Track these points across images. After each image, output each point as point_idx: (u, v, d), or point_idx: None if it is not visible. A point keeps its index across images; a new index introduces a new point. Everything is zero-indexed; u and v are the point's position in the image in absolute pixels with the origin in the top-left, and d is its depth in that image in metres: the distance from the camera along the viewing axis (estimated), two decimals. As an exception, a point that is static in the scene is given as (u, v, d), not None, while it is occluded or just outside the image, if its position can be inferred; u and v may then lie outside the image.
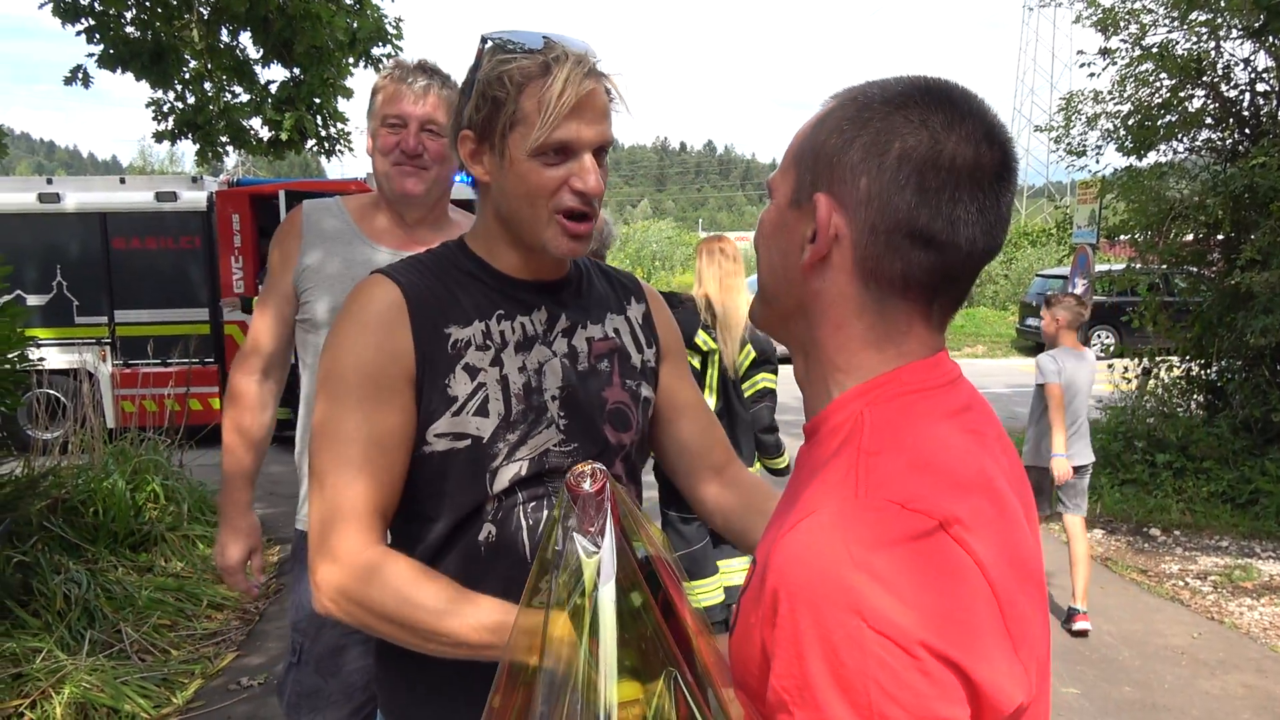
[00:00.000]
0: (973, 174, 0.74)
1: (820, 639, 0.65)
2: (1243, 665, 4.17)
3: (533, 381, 1.23)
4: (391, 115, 1.93)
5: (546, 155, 1.15)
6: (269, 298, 2.06)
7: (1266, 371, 6.70)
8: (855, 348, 0.80)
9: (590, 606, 0.77)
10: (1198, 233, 7.25)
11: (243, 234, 8.99)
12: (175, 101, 6.60)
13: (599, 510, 0.81)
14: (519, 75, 1.13)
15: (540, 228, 1.19)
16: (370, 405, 1.15)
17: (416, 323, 1.18)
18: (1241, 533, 6.08)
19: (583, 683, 0.76)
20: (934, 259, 0.76)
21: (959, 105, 0.76)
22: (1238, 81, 6.92)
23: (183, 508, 5.43)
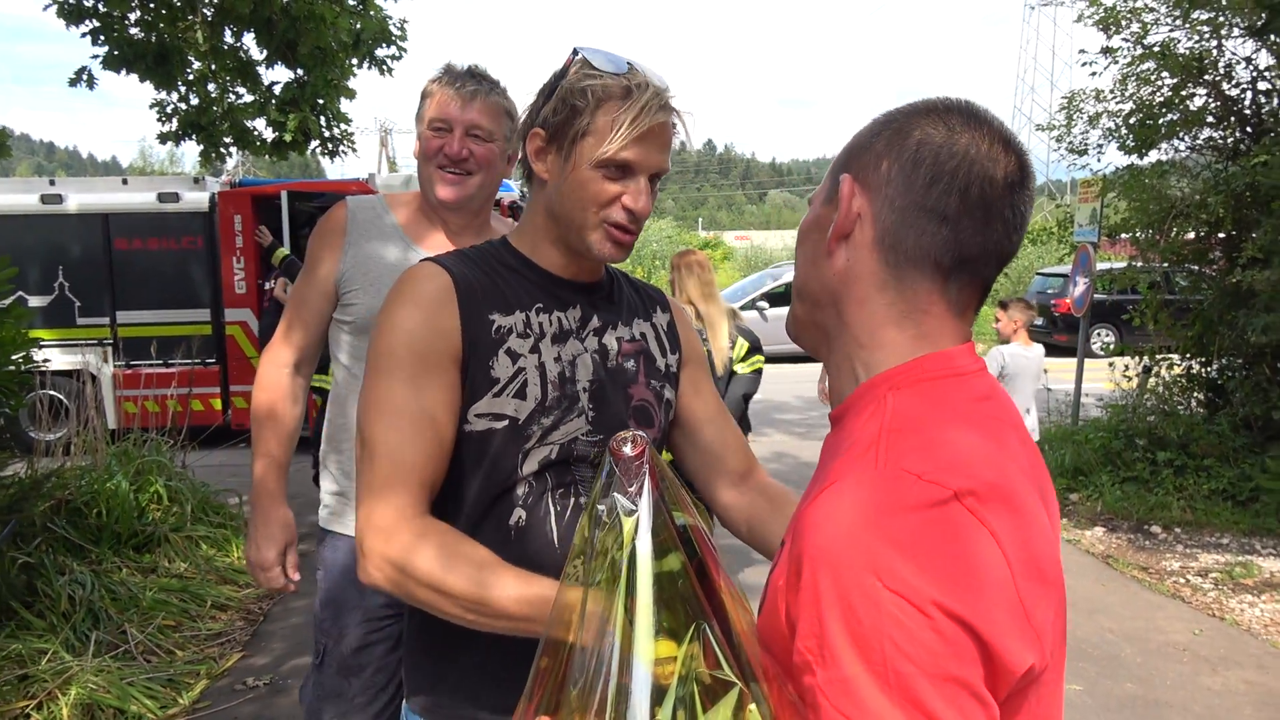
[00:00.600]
0: (982, 164, 0.81)
1: (839, 598, 0.69)
2: (1244, 662, 4.18)
3: (567, 372, 1.30)
4: (437, 119, 1.92)
5: (608, 169, 1.24)
6: (308, 291, 2.01)
7: (1267, 369, 6.71)
8: (877, 324, 0.84)
9: (627, 563, 0.81)
10: (1199, 231, 7.26)
11: (245, 235, 9.00)
12: (179, 103, 6.61)
13: (638, 473, 0.85)
14: (601, 91, 1.23)
15: (588, 231, 1.27)
16: (420, 379, 1.21)
17: (464, 306, 1.25)
18: (1242, 530, 6.09)
19: (620, 638, 0.79)
20: (946, 235, 0.81)
21: (977, 114, 0.84)
22: (1239, 80, 6.94)
23: (186, 509, 5.44)
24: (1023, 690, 0.73)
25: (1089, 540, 6.06)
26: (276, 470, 2.00)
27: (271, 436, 2.00)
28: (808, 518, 0.74)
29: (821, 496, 0.75)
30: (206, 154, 6.77)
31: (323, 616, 2.05)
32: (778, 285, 16.46)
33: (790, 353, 15.02)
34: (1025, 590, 0.72)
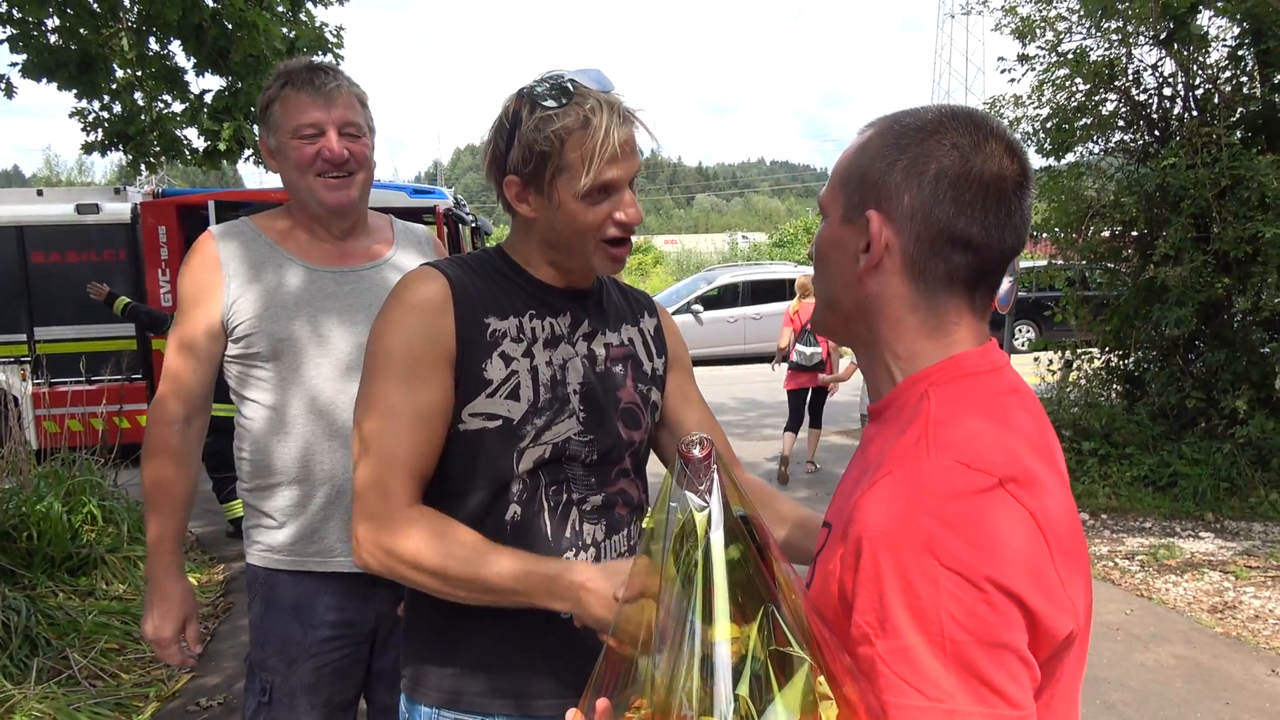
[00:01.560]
0: (998, 185, 0.87)
1: (899, 576, 0.76)
2: (1172, 638, 4.41)
3: (558, 375, 1.35)
4: (304, 125, 1.81)
5: (592, 196, 1.28)
6: (190, 334, 1.84)
7: (1180, 361, 7.07)
8: (912, 338, 0.92)
9: (702, 554, 0.87)
10: (1114, 230, 7.62)
11: (170, 246, 8.76)
12: (102, 112, 6.41)
13: (706, 472, 0.89)
14: (562, 132, 1.26)
15: (588, 255, 1.34)
16: (414, 381, 1.27)
17: (459, 310, 1.30)
18: (1163, 514, 6.41)
19: (700, 622, 0.85)
20: (971, 259, 0.89)
21: (981, 127, 0.89)
22: (1147, 86, 7.31)
23: (122, 528, 5.28)
24: (1060, 654, 0.82)
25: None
26: (171, 542, 1.86)
27: (165, 506, 1.84)
28: (866, 504, 0.81)
29: (878, 485, 0.82)
30: (135, 164, 6.57)
31: (264, 655, 1.92)
32: (711, 289, 16.66)
33: (726, 355, 15.23)
34: (1060, 565, 0.80)
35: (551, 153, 1.26)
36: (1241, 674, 4.01)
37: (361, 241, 1.97)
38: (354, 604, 1.88)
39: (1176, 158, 6.34)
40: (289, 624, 1.89)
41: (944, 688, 0.74)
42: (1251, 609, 4.76)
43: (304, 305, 1.85)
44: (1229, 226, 6.15)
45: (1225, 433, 6.58)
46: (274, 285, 1.85)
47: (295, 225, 1.93)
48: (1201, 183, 6.20)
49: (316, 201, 1.85)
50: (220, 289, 1.83)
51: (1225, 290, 6.32)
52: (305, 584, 1.88)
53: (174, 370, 1.85)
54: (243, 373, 1.89)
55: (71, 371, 8.08)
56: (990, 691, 0.74)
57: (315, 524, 1.85)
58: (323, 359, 1.85)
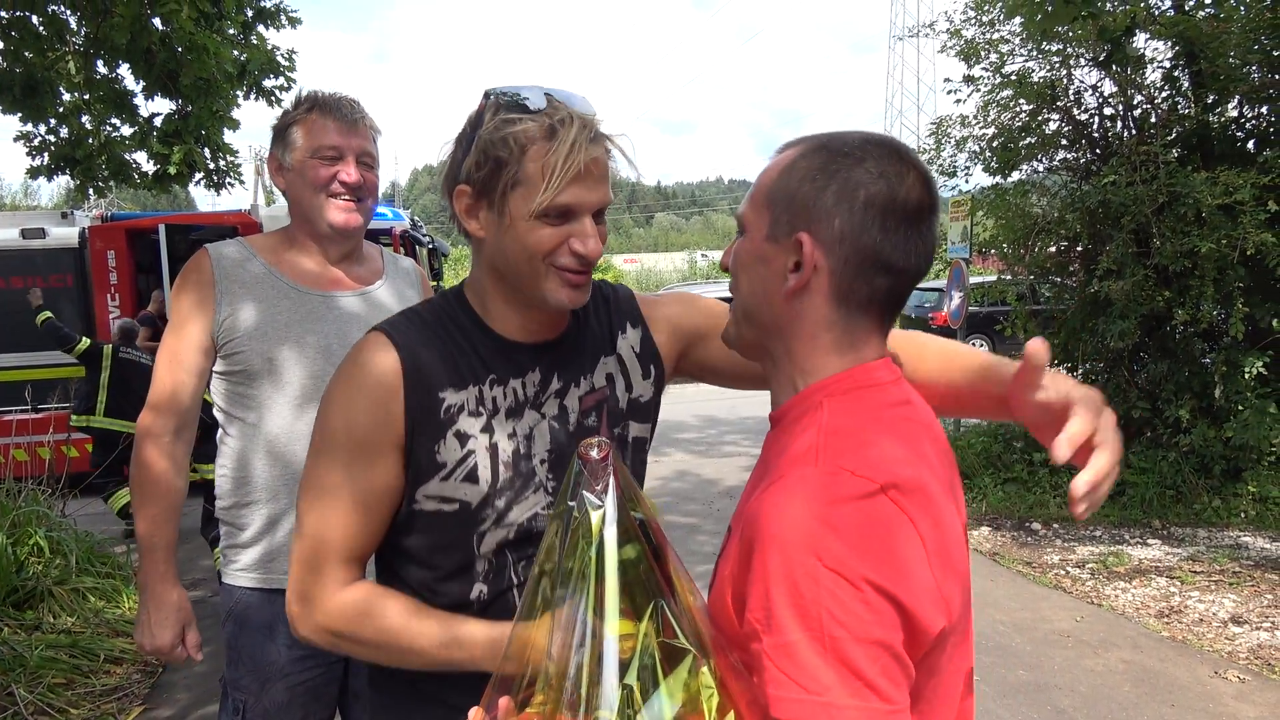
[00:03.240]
0: (918, 214, 0.95)
1: (785, 575, 0.81)
2: (1121, 643, 4.51)
3: (521, 448, 1.24)
4: (326, 147, 1.87)
5: (548, 217, 1.15)
6: (181, 349, 1.88)
7: (1126, 372, 7.26)
8: (823, 355, 0.97)
9: (595, 552, 0.91)
10: (1059, 245, 7.82)
11: (119, 271, 8.62)
12: (48, 135, 6.31)
13: (604, 473, 0.93)
14: (523, 137, 1.13)
15: (539, 281, 1.19)
16: (357, 465, 1.17)
17: (410, 390, 1.18)
18: (1112, 522, 6.55)
19: (590, 617, 0.89)
20: (891, 283, 0.95)
21: (904, 157, 0.96)
22: (1088, 106, 7.53)
23: (70, 560, 5.15)
24: (937, 648, 0.88)
25: (976, 539, 6.40)
26: (165, 550, 1.87)
27: (158, 515, 1.86)
28: (758, 508, 0.87)
29: (770, 490, 0.88)
30: (82, 188, 6.47)
31: (237, 674, 1.93)
32: (670, 307, 16.73)
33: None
34: (936, 567, 0.86)
35: (509, 160, 1.13)
36: (1187, 676, 4.11)
37: (354, 269, 2.02)
38: None
39: (1117, 175, 6.54)
40: (262, 643, 1.90)
41: (822, 681, 0.79)
42: (1196, 613, 4.88)
43: (291, 327, 1.89)
44: (1168, 241, 6.34)
45: (1170, 442, 6.76)
46: (264, 305, 1.89)
47: (292, 248, 1.97)
48: (1141, 199, 6.39)
49: (325, 220, 1.90)
50: (211, 305, 1.87)
51: (1166, 303, 6.50)
52: (278, 603, 1.85)
53: (162, 384, 1.88)
54: (228, 390, 1.92)
55: (17, 400, 7.89)
56: (865, 686, 0.78)
57: (290, 542, 1.85)
58: (306, 381, 1.88)
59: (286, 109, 1.97)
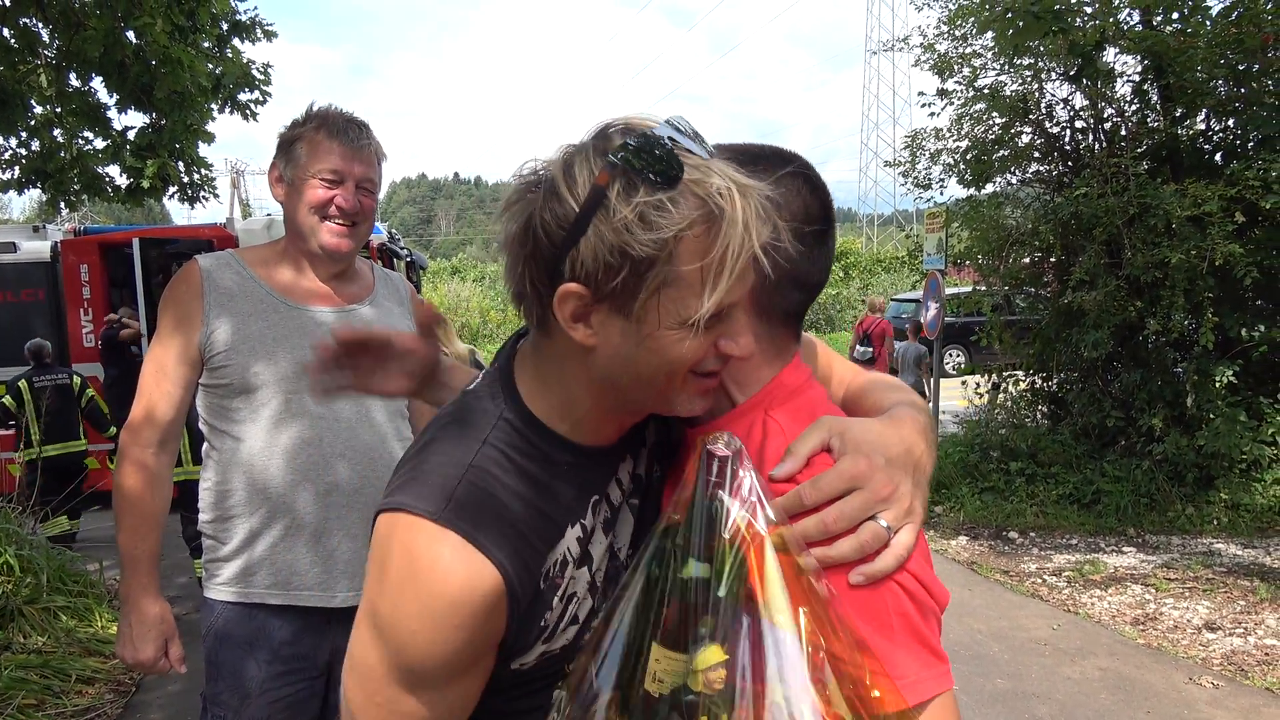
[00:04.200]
0: (821, 230, 0.99)
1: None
2: (1098, 651, 4.55)
3: (616, 558, 1.04)
4: (328, 171, 1.86)
5: (707, 323, 0.86)
6: (167, 361, 1.86)
7: (1099, 381, 7.35)
8: (753, 366, 1.01)
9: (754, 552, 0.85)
10: (1033, 256, 7.92)
11: (92, 285, 8.52)
12: (19, 149, 6.24)
13: (743, 468, 0.87)
14: (681, 228, 0.82)
15: (673, 394, 0.92)
16: (449, 688, 0.93)
17: (513, 602, 0.91)
18: (1088, 530, 6.62)
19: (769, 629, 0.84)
20: (804, 296, 1.01)
21: (806, 176, 0.99)
22: (1060, 119, 7.64)
23: (41, 579, 5.07)
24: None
25: (954, 549, 6.44)
26: (147, 563, 1.85)
27: (141, 524, 1.84)
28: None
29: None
30: (54, 202, 6.40)
31: (217, 690, 1.89)
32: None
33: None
34: (923, 544, 0.93)
35: (658, 260, 0.83)
36: (1162, 683, 4.15)
37: (346, 285, 2.01)
38: (308, 637, 1.89)
39: (1089, 187, 6.63)
40: (242, 658, 1.88)
41: (901, 665, 0.85)
42: (1171, 619, 4.93)
43: (279, 342, 1.88)
44: (1139, 253, 6.44)
45: (1143, 450, 6.84)
46: (252, 319, 1.88)
47: (284, 261, 1.96)
48: (1112, 211, 6.48)
49: (317, 241, 1.89)
50: (200, 317, 1.86)
51: (1138, 313, 6.59)
52: (259, 617, 1.87)
53: (148, 395, 1.86)
54: (214, 403, 1.90)
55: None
56: (932, 655, 0.88)
57: (273, 557, 1.86)
58: (291, 396, 1.86)
59: (296, 120, 1.95)
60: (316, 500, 1.86)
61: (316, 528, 1.86)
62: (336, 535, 1.87)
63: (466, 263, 29.37)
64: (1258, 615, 4.91)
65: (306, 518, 1.85)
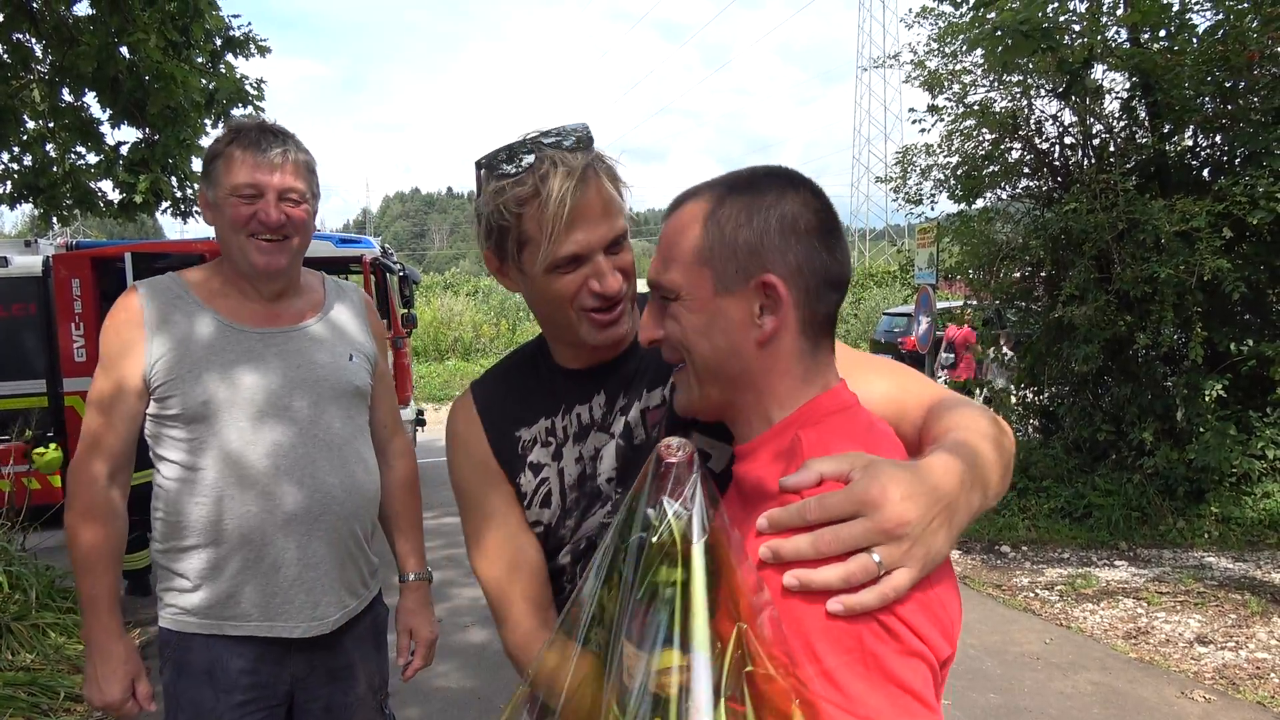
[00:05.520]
0: (837, 226, 1.00)
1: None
2: (1090, 665, 4.55)
3: (587, 469, 1.30)
4: (245, 185, 1.78)
5: (559, 268, 1.19)
6: (111, 391, 1.80)
7: (1090, 395, 7.38)
8: (792, 386, 0.98)
9: (683, 570, 0.85)
10: (1023, 271, 7.96)
11: (84, 300, 8.48)
12: (12, 164, 6.25)
13: (688, 477, 0.88)
14: (514, 202, 1.17)
15: (574, 327, 1.24)
16: (489, 503, 1.33)
17: (489, 431, 1.34)
18: (1080, 544, 6.63)
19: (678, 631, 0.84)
20: (839, 296, 1.00)
21: (804, 181, 1.00)
22: (1049, 135, 7.69)
23: (30, 595, 5.04)
24: (941, 673, 0.89)
25: (947, 563, 6.44)
26: (107, 601, 1.79)
27: (96, 566, 1.79)
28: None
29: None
30: (46, 217, 6.40)
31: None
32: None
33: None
34: (937, 590, 0.87)
35: (510, 225, 1.19)
36: (1154, 697, 4.15)
37: (293, 303, 1.94)
38: (267, 667, 1.85)
39: (1078, 203, 6.68)
40: (201, 688, 1.83)
41: (870, 704, 0.80)
42: (1163, 633, 4.94)
43: (227, 366, 1.82)
44: (1128, 267, 6.48)
45: (1134, 464, 6.87)
46: (197, 344, 1.81)
47: (225, 283, 1.89)
48: (1101, 226, 6.52)
49: (247, 262, 1.83)
50: (143, 346, 1.79)
51: (1128, 327, 6.63)
52: (218, 647, 1.83)
53: (93, 429, 1.79)
54: (161, 432, 1.84)
55: (-24, 431, 7.74)
56: (914, 699, 0.81)
57: (231, 587, 1.81)
58: (242, 421, 1.81)
59: (219, 134, 1.88)
60: (274, 530, 1.81)
61: (275, 558, 1.81)
62: (296, 565, 1.82)
63: (459, 277, 29.34)
64: (1249, 629, 4.92)
65: (264, 548, 1.80)
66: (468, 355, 20.23)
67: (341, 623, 1.90)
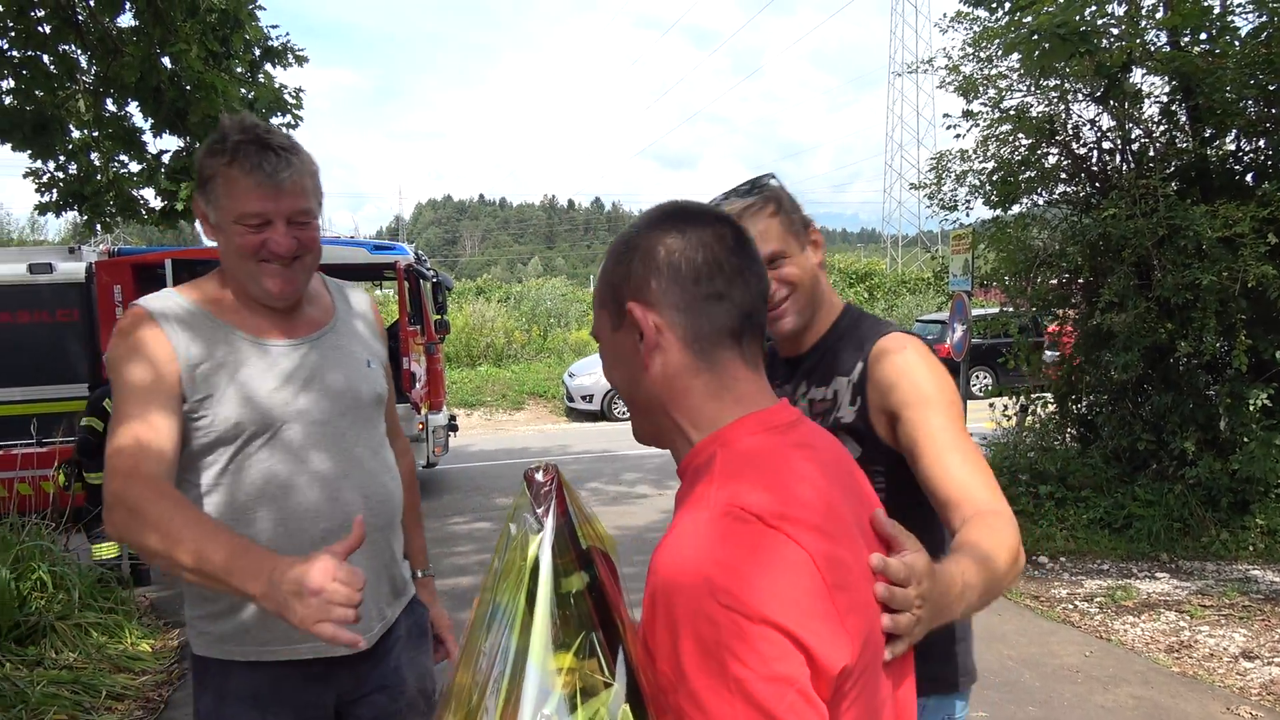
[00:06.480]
0: (720, 243, 1.00)
1: (685, 620, 0.82)
2: (1131, 678, 4.47)
3: None
4: (250, 215, 1.64)
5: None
6: (153, 399, 1.61)
7: (1130, 404, 7.25)
8: (699, 401, 1.00)
9: (529, 574, 0.91)
10: (1060, 278, 7.85)
11: (125, 306, 8.66)
12: (57, 172, 6.39)
13: (546, 497, 0.95)
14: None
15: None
16: None
17: None
18: (1119, 555, 6.51)
19: (516, 639, 0.89)
20: (728, 305, 0.99)
21: (690, 210, 1.05)
22: (1086, 140, 7.59)
23: (73, 595, 5.14)
24: (841, 689, 0.86)
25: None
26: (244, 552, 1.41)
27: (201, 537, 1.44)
28: (657, 558, 0.88)
29: (667, 538, 0.89)
30: (91, 224, 6.53)
31: None
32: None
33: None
34: (839, 602, 0.85)
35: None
36: (1199, 712, 4.06)
37: (305, 311, 1.85)
38: (314, 687, 1.78)
39: (1117, 208, 6.57)
40: (247, 713, 1.74)
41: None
42: (1207, 647, 4.84)
43: (247, 383, 1.72)
44: (1169, 274, 6.37)
45: (1176, 474, 6.74)
46: (227, 364, 1.71)
47: (236, 297, 1.77)
48: (1141, 232, 6.42)
49: (260, 289, 1.72)
50: (171, 351, 1.66)
51: (1169, 335, 6.51)
52: (261, 672, 1.73)
53: (140, 436, 1.57)
54: (192, 456, 1.71)
55: (22, 434, 7.90)
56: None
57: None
58: (276, 439, 1.73)
59: (212, 144, 1.68)
60: (311, 548, 1.58)
61: None
62: None
63: (491, 283, 29.53)
64: (1296, 644, 4.81)
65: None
66: (500, 361, 20.30)
67: (381, 633, 1.86)
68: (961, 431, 1.48)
